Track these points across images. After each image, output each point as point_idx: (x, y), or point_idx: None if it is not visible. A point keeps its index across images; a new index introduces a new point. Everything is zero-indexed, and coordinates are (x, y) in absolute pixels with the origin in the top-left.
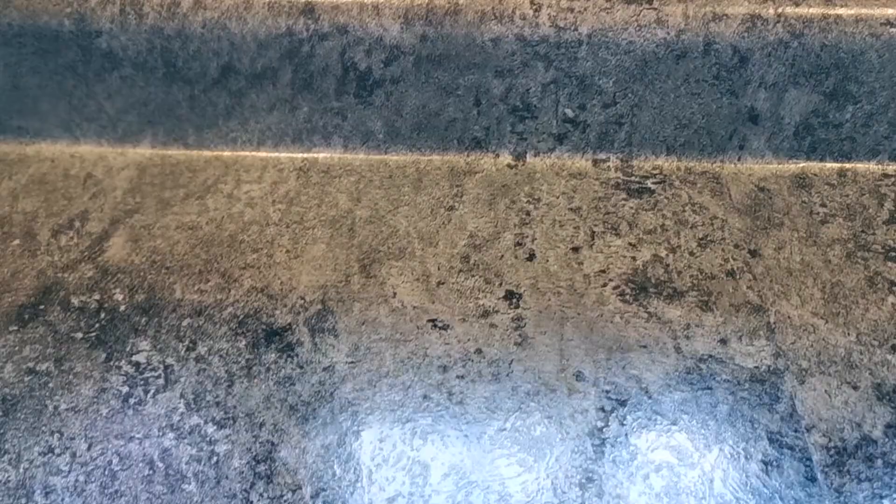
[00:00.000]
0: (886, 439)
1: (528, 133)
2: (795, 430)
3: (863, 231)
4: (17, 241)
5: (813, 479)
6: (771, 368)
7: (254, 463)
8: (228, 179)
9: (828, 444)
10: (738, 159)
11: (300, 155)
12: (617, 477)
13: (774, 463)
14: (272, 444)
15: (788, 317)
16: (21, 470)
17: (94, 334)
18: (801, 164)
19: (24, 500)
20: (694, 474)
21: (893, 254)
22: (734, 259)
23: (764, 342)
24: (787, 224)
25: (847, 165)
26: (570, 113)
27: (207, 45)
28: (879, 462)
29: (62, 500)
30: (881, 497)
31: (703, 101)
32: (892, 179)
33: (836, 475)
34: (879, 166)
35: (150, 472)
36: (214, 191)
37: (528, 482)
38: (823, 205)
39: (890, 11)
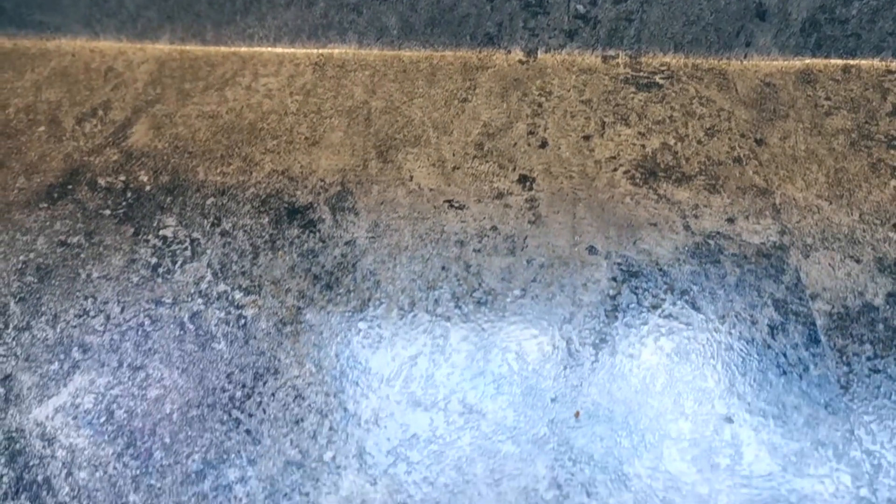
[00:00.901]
0: (887, 306)
1: (539, 29)
2: (800, 299)
3: (866, 122)
4: (42, 128)
5: (816, 341)
6: (777, 244)
7: (280, 325)
8: (246, 73)
9: (831, 310)
10: (745, 56)
11: (316, 50)
12: (629, 339)
13: (780, 327)
14: (298, 308)
15: (793, 199)
16: (58, 330)
17: (121, 211)
18: (807, 61)
19: (62, 356)
20: (703, 337)
21: None
22: (740, 147)
23: (770, 221)
24: (792, 116)
25: (851, 62)
26: (581, 9)
27: None
28: (881, 326)
29: (98, 355)
30: (882, 357)
31: None
32: None
33: (839, 337)
34: (883, 63)
35: (181, 332)
36: (233, 83)
37: (544, 343)
38: (828, 98)
39: None
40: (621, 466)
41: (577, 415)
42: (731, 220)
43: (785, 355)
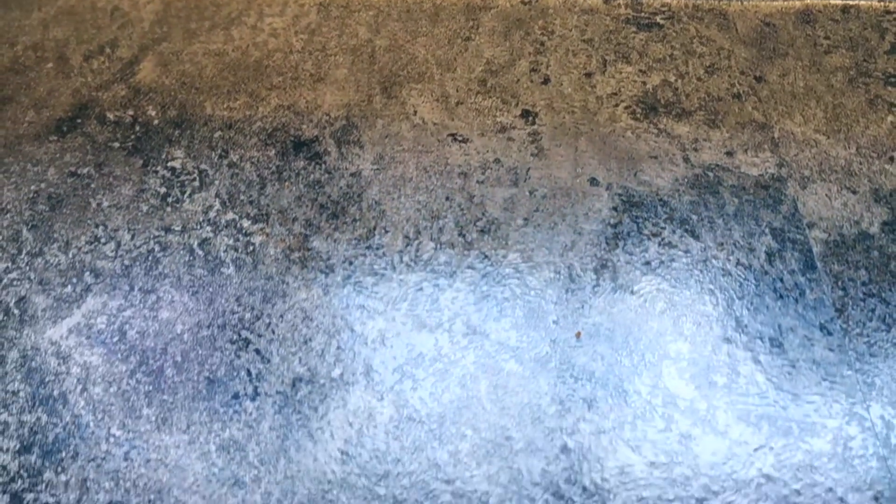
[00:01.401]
0: (883, 234)
1: None
2: (797, 227)
3: (864, 60)
4: (50, 65)
5: (813, 267)
6: (775, 176)
7: (288, 251)
8: (251, 13)
9: (827, 238)
10: None
11: None
12: (630, 265)
13: (777, 253)
14: (305, 235)
15: (792, 133)
16: (70, 255)
17: (130, 144)
18: (806, 2)
19: (75, 280)
20: (702, 263)
21: (894, 80)
22: (740, 84)
23: (768, 154)
24: (791, 54)
25: (850, 2)
26: None
27: None
28: (875, 253)
29: (110, 279)
30: (877, 282)
31: None
32: (894, 15)
33: (835, 263)
34: (881, 3)
35: (191, 258)
36: (238, 23)
37: (546, 269)
38: (827, 38)
39: None
40: (622, 384)
41: (578, 335)
42: (730, 154)
43: (782, 280)
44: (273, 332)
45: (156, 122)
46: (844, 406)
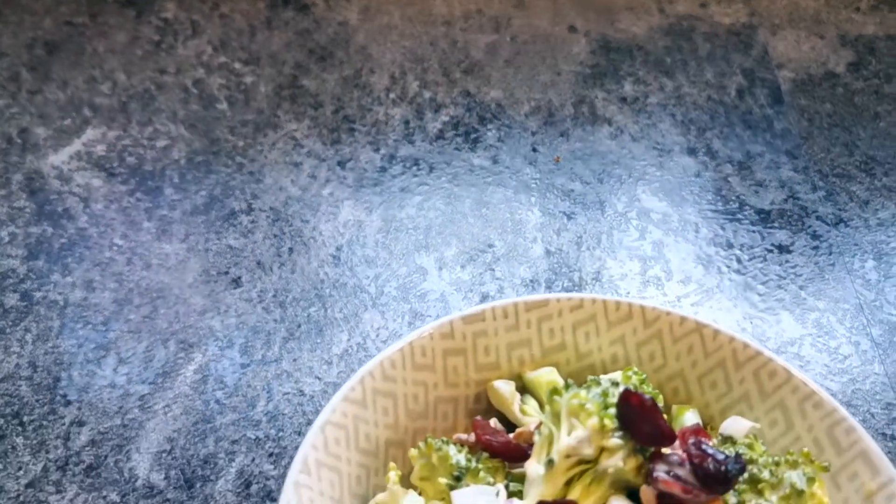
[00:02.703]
0: (847, 73)
1: None
2: (767, 68)
3: None
4: None
5: (781, 101)
6: (746, 24)
7: (279, 89)
8: None
9: (795, 77)
10: None
11: None
12: (607, 99)
13: (748, 90)
14: (294, 76)
15: None
16: (69, 93)
17: None
18: None
19: (74, 114)
20: (675, 98)
21: None
22: None
23: (740, 5)
24: None
25: None
26: None
27: None
28: (840, 90)
29: (108, 114)
30: (840, 115)
31: None
32: None
33: (802, 98)
34: None
35: (185, 95)
36: None
37: (526, 104)
38: None
39: None
40: (599, 200)
41: (557, 159)
42: (703, 5)
43: (751, 112)
44: (266, 157)
45: None
46: (804, 203)
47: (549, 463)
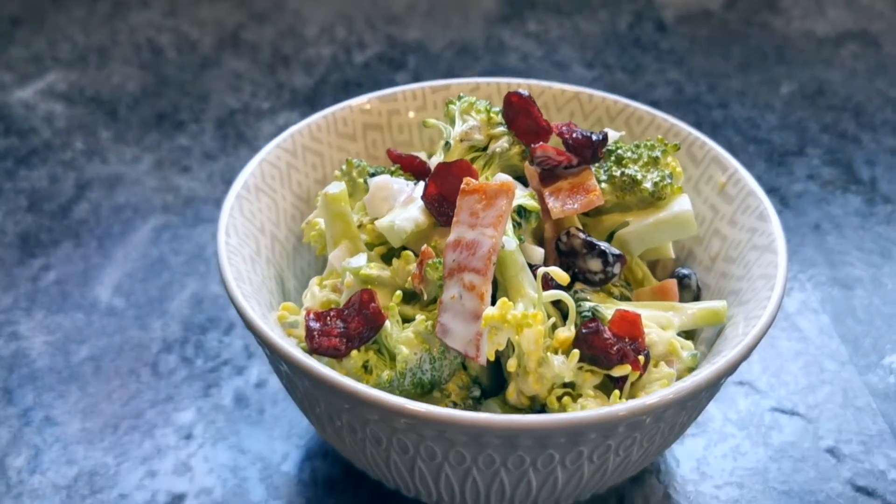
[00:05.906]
0: (721, 10)
1: None
2: (652, 9)
3: None
4: None
5: (665, 30)
6: None
7: (221, 41)
8: None
9: (677, 14)
10: None
11: None
12: (514, 38)
13: (636, 23)
14: (236, 33)
15: None
16: (32, 50)
17: None
18: None
19: (38, 65)
20: (574, 31)
21: None
22: None
23: None
24: None
25: None
26: None
27: None
28: (715, 20)
29: (68, 63)
30: (716, 37)
31: None
32: None
33: (684, 27)
34: None
35: (138, 48)
36: None
37: (440, 41)
38: None
39: None
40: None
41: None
42: None
43: (640, 38)
44: (211, 86)
45: None
46: (682, 99)
47: (446, 145)
